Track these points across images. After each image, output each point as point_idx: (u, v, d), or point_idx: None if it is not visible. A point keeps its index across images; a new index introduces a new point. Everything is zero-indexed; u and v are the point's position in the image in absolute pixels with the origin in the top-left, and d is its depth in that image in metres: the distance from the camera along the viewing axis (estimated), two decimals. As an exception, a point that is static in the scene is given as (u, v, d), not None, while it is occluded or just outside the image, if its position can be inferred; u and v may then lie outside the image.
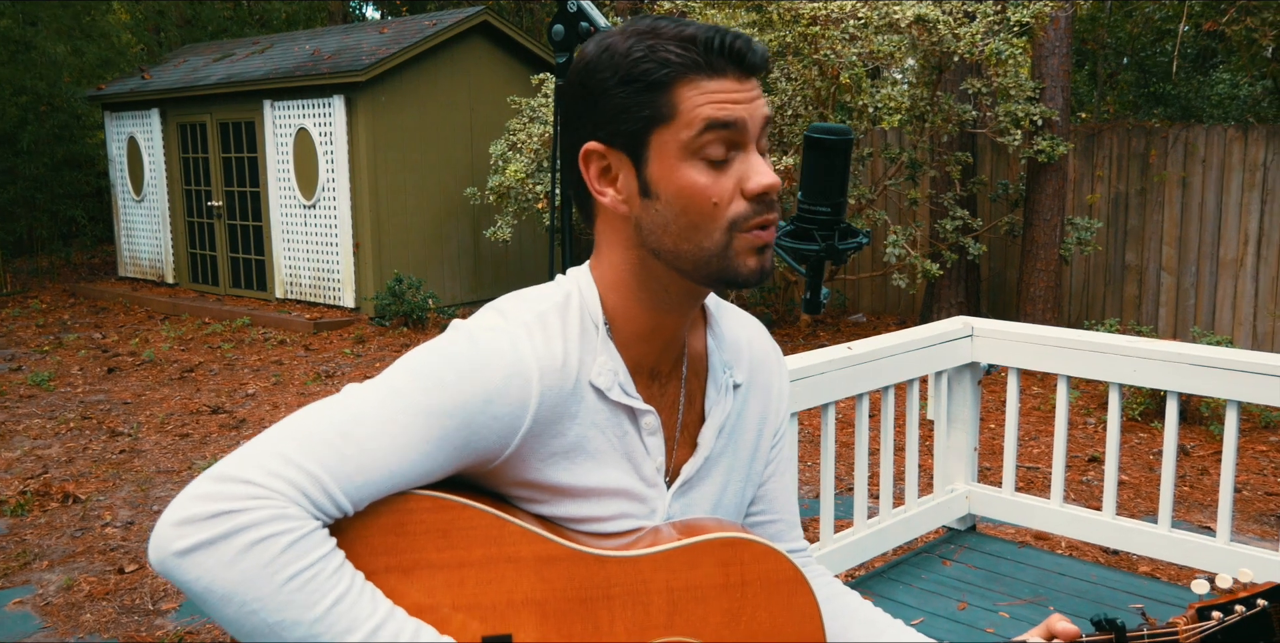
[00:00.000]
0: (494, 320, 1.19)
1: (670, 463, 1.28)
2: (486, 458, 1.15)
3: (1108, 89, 16.16)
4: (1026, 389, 8.03)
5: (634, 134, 1.16)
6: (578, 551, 1.17)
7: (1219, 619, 1.32)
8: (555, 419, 1.17)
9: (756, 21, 8.80)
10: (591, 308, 1.22)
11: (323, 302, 11.54)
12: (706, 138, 1.13)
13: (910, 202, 9.61)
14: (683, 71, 1.13)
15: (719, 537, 1.21)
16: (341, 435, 1.09)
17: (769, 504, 1.45)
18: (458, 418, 1.12)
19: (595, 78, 1.16)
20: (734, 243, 1.15)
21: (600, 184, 1.20)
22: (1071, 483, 5.94)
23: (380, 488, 1.11)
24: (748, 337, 1.39)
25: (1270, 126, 9.13)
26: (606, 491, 1.22)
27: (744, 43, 1.14)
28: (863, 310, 11.35)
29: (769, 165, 1.17)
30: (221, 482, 1.06)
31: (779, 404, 1.41)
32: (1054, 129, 8.95)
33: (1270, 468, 6.23)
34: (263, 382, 8.59)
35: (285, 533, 1.04)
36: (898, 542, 3.80)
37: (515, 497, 1.20)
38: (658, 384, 1.27)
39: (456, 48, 11.52)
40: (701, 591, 1.20)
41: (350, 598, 1.07)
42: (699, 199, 1.14)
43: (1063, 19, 8.96)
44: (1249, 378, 3.37)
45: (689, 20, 1.16)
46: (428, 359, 1.15)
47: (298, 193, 11.51)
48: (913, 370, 3.70)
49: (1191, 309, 9.44)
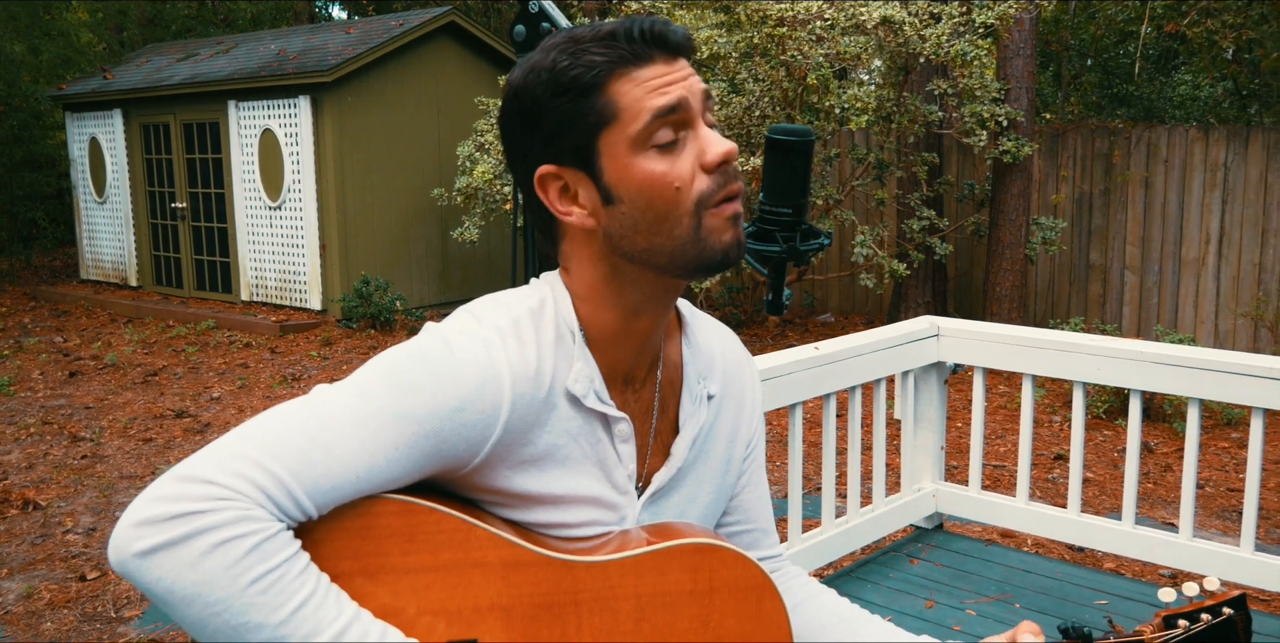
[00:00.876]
0: (468, 325, 1.17)
1: (642, 471, 1.28)
2: (455, 465, 1.14)
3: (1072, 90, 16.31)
4: (993, 388, 8.09)
5: (581, 145, 1.15)
6: (545, 556, 1.16)
7: (1185, 628, 1.33)
8: (527, 427, 1.16)
9: (725, 22, 8.82)
10: (565, 314, 1.21)
11: (289, 304, 11.45)
12: (654, 126, 1.13)
13: (877, 202, 9.65)
14: (611, 67, 1.13)
15: (688, 543, 1.21)
16: (308, 439, 1.08)
17: (744, 514, 1.44)
18: (428, 425, 1.10)
19: (528, 99, 1.16)
20: (705, 222, 1.15)
21: (563, 205, 1.19)
22: (1037, 481, 5.99)
23: (346, 493, 1.09)
24: (722, 348, 1.38)
25: (1231, 127, 9.24)
26: (576, 498, 1.21)
27: (662, 25, 1.14)
28: (831, 310, 11.39)
29: (719, 135, 1.16)
30: (184, 482, 1.04)
31: (752, 416, 1.41)
32: (1019, 130, 9.01)
33: (1232, 465, 6.30)
34: (228, 385, 8.52)
35: (250, 535, 1.02)
36: (865, 541, 3.81)
37: (484, 502, 1.19)
38: (632, 390, 1.26)
39: (423, 48, 11.47)
40: (670, 597, 1.19)
41: (316, 600, 1.05)
42: (660, 187, 1.14)
43: (1027, 21, 9.03)
44: (1211, 376, 3.40)
45: (603, 22, 1.16)
46: (400, 363, 1.13)
47: (263, 194, 11.42)
48: (879, 370, 3.72)
49: (1155, 308, 9.53)
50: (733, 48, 8.60)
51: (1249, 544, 3.44)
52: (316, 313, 11.15)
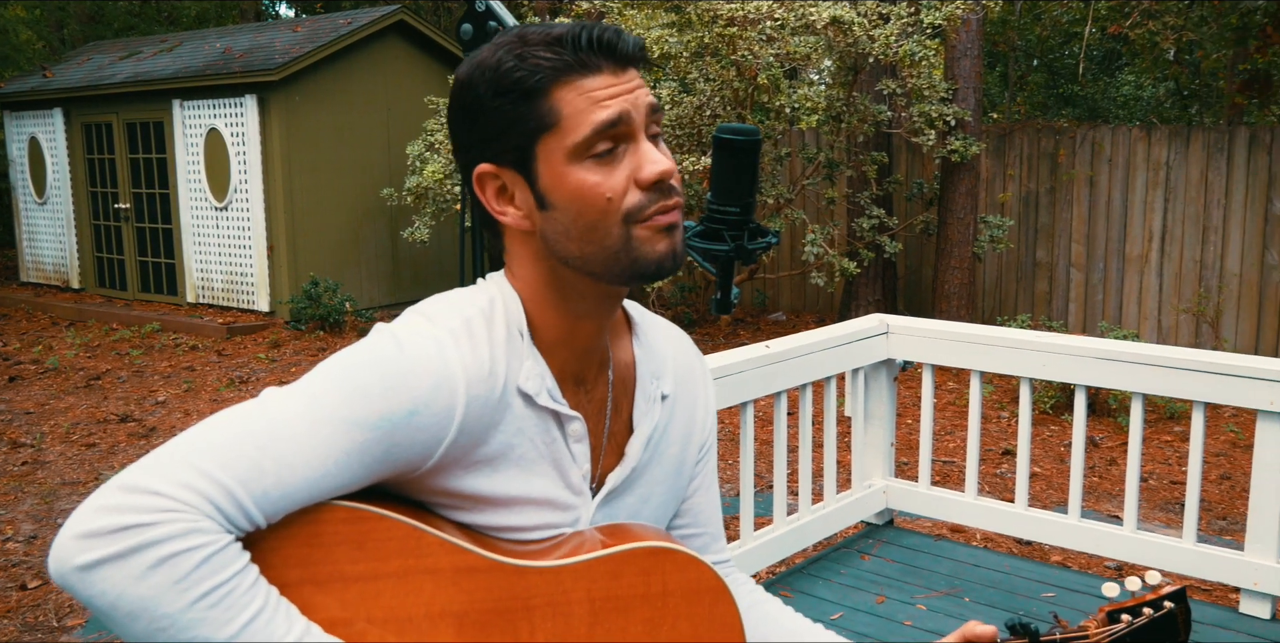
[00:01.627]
0: (420, 325, 1.15)
1: (596, 471, 1.27)
2: (409, 469, 1.12)
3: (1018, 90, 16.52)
4: (942, 385, 8.17)
5: (520, 148, 1.14)
6: (498, 561, 1.15)
7: (1128, 622, 1.36)
8: (481, 428, 1.14)
9: (675, 22, 8.83)
10: (515, 314, 1.20)
11: (236, 306, 11.31)
12: (593, 139, 1.12)
13: (828, 201, 9.71)
14: (556, 74, 1.11)
15: (641, 546, 1.20)
16: (257, 446, 1.05)
17: (694, 517, 1.44)
18: (381, 429, 1.08)
19: (471, 96, 1.15)
20: (634, 234, 1.14)
21: (499, 205, 1.18)
22: (986, 476, 6.06)
23: (296, 500, 1.07)
24: (674, 349, 1.37)
25: (1172, 127, 9.40)
26: (530, 500, 1.20)
27: (613, 34, 1.13)
28: (782, 309, 11.45)
29: (661, 152, 1.15)
30: (129, 493, 1.01)
31: (705, 418, 1.40)
32: (967, 129, 9.11)
33: (1175, 458, 6.41)
34: (174, 388, 8.40)
35: (198, 549, 1.00)
36: (817, 538, 3.84)
37: (436, 504, 1.17)
38: (583, 391, 1.25)
39: (372, 47, 11.38)
40: (623, 601, 1.19)
41: (265, 616, 1.03)
42: (592, 197, 1.13)
43: (974, 21, 9.13)
44: (1153, 371, 3.46)
45: (558, 22, 1.15)
46: (351, 366, 1.11)
47: (209, 194, 11.27)
48: (830, 368, 3.74)
49: (1100, 304, 9.68)
50: (683, 47, 8.62)
51: (1191, 536, 3.50)
52: (264, 315, 11.03)
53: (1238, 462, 6.34)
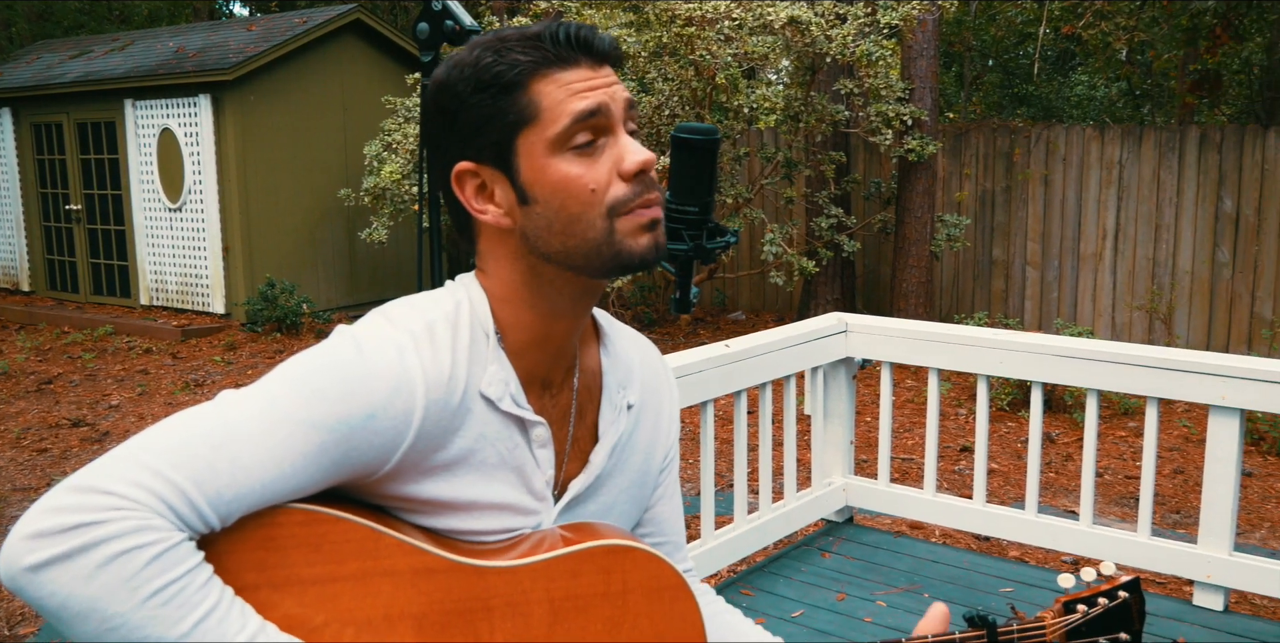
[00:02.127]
0: (382, 328, 1.14)
1: (559, 477, 1.26)
2: (366, 472, 1.11)
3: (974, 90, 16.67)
4: (901, 383, 8.23)
5: (500, 143, 1.14)
6: (456, 562, 1.15)
7: (1083, 612, 1.38)
8: (439, 433, 1.13)
9: (634, 22, 8.83)
10: (482, 317, 1.19)
11: (191, 308, 11.18)
12: (573, 129, 1.12)
13: (786, 200, 9.75)
14: (535, 67, 1.13)
15: (601, 545, 1.20)
16: (212, 447, 1.04)
17: (657, 526, 1.44)
18: (338, 432, 1.07)
19: (450, 93, 1.15)
20: (618, 226, 1.14)
21: (479, 203, 1.18)
22: (945, 472, 6.11)
23: (251, 502, 1.06)
24: (641, 358, 1.37)
25: (1125, 127, 9.52)
26: (490, 505, 1.19)
27: (589, 31, 1.15)
28: (742, 308, 11.49)
29: (640, 145, 1.16)
30: (80, 493, 0.99)
31: (669, 427, 1.40)
32: (923, 129, 9.18)
33: (1129, 453, 6.49)
34: (127, 392, 8.29)
35: (149, 545, 0.98)
36: (778, 536, 3.85)
37: (395, 508, 1.17)
38: (549, 395, 1.25)
39: (328, 46, 11.29)
40: (583, 599, 1.19)
41: (218, 614, 1.01)
42: (575, 189, 1.13)
43: (930, 22, 9.20)
44: (1108, 367, 3.51)
45: (532, 23, 1.16)
46: (310, 368, 1.10)
47: (162, 195, 11.13)
48: (789, 367, 3.76)
49: (1055, 302, 9.79)
50: (642, 47, 8.62)
51: (1145, 530, 3.55)
52: (220, 317, 10.91)
53: (1190, 456, 6.43)
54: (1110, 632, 1.39)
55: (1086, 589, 1.41)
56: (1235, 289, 8.98)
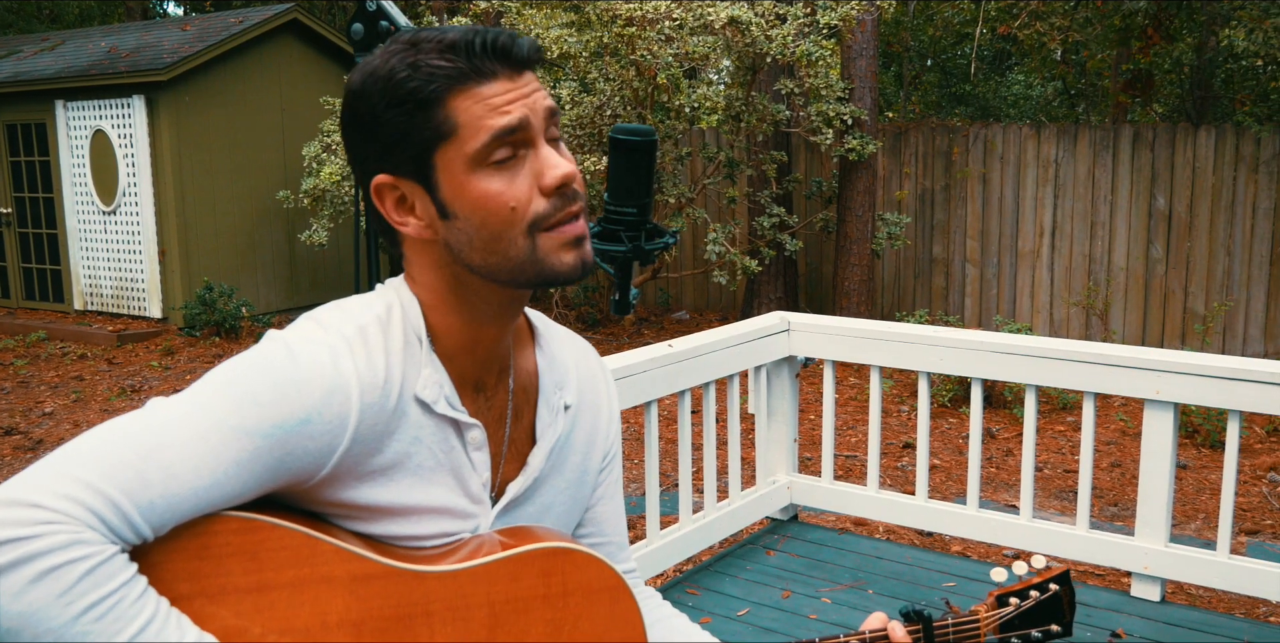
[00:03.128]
0: (314, 333, 1.13)
1: (496, 480, 1.26)
2: (301, 478, 1.10)
3: (913, 90, 16.85)
4: (844, 380, 8.29)
5: (418, 159, 1.12)
6: (395, 567, 1.14)
7: (1016, 605, 1.41)
8: (375, 437, 1.12)
9: (575, 22, 8.82)
10: (414, 321, 1.18)
11: (127, 312, 10.98)
12: (493, 146, 1.10)
13: (729, 200, 9.80)
14: (451, 83, 1.09)
15: (540, 548, 1.20)
16: (143, 456, 1.02)
17: (598, 527, 1.43)
18: (272, 438, 1.06)
19: (365, 106, 1.12)
20: (540, 244, 1.13)
21: (399, 215, 1.16)
22: (889, 469, 6.16)
23: (185, 512, 1.04)
24: (576, 358, 1.37)
25: (1060, 125, 9.68)
26: (428, 509, 1.18)
27: (508, 39, 1.11)
28: (686, 308, 11.51)
29: (562, 155, 1.14)
30: (8, 507, 0.97)
31: (608, 428, 1.40)
32: (863, 128, 9.26)
33: (1068, 447, 6.60)
34: (62, 399, 8.12)
35: (82, 560, 0.97)
36: (723, 535, 3.86)
37: (332, 514, 1.15)
38: (483, 398, 1.24)
39: (266, 46, 11.14)
40: (523, 602, 1.19)
41: (155, 626, 1.00)
42: (495, 206, 1.11)
43: (869, 22, 9.28)
44: (1045, 363, 3.56)
45: (451, 26, 1.13)
46: (241, 373, 1.08)
47: (96, 198, 10.92)
48: (732, 366, 3.77)
49: (994, 299, 9.93)
50: (583, 47, 8.61)
51: (1084, 523, 3.61)
52: (157, 321, 10.73)
53: (1128, 450, 6.55)
54: (1042, 624, 1.43)
55: (1019, 583, 1.44)
56: (1169, 285, 9.17)
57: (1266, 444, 6.71)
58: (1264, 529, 5.30)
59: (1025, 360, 3.60)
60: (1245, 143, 8.78)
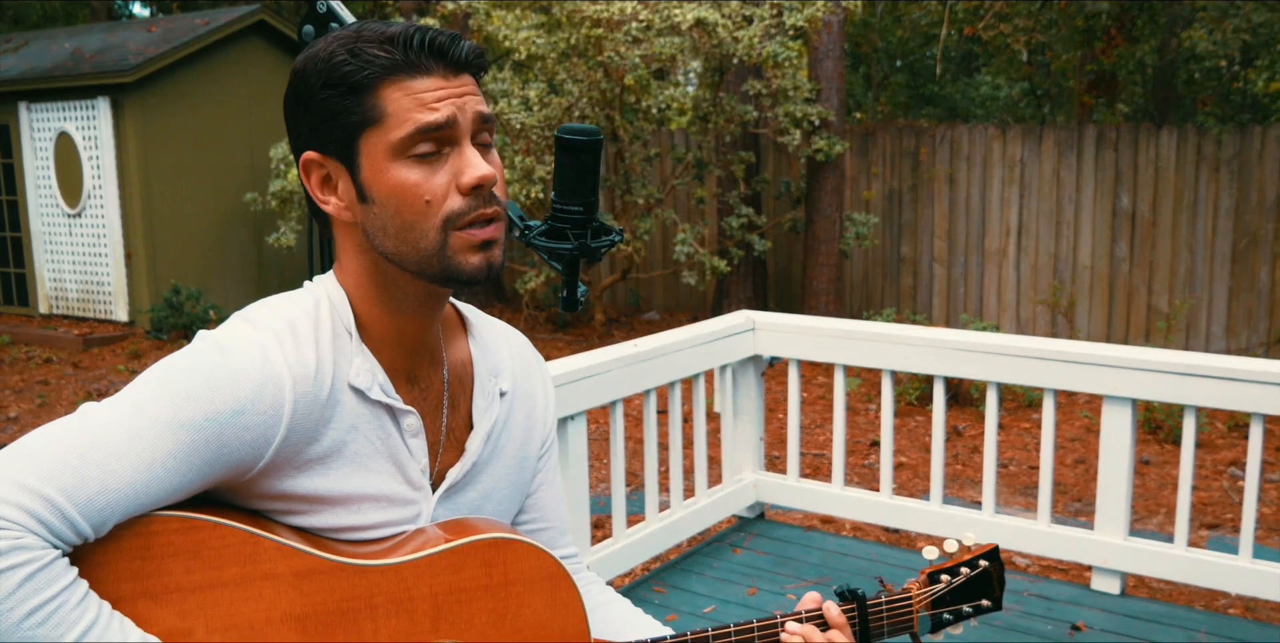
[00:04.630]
0: (242, 329, 1.15)
1: (435, 467, 1.28)
2: (239, 471, 1.12)
3: (881, 91, 16.95)
4: (812, 379, 8.34)
5: (343, 139, 1.15)
6: (337, 562, 1.15)
7: (947, 582, 1.45)
8: (310, 426, 1.15)
9: (544, 23, 8.82)
10: (342, 313, 1.20)
11: (93, 316, 10.90)
12: (416, 138, 1.13)
13: (697, 200, 9.83)
14: (385, 72, 1.13)
15: (482, 539, 1.22)
16: (79, 456, 1.03)
17: (539, 513, 1.46)
18: (207, 431, 1.08)
19: (303, 85, 1.16)
20: (450, 241, 1.15)
21: (323, 193, 1.19)
22: (855, 467, 6.21)
23: (124, 509, 1.05)
24: (510, 347, 1.39)
25: (1026, 126, 9.77)
26: (368, 496, 1.20)
27: (447, 39, 1.14)
28: (655, 308, 11.54)
29: (485, 159, 1.17)
30: None
31: (545, 415, 1.42)
32: (831, 129, 9.31)
33: (1033, 444, 6.66)
34: (26, 403, 8.05)
35: (23, 566, 0.98)
36: (690, 533, 3.88)
37: (272, 510, 1.17)
38: (417, 389, 1.26)
39: (232, 47, 11.08)
40: (466, 593, 1.21)
41: (97, 630, 1.01)
42: (410, 197, 1.14)
43: (835, 23, 9.34)
44: (1007, 360, 3.60)
45: (396, 22, 1.16)
46: (173, 371, 1.10)
47: (60, 201, 10.83)
48: (698, 365, 3.79)
49: (961, 297, 10.00)
50: (551, 48, 8.62)
51: (1045, 518, 3.65)
52: (124, 325, 10.65)
53: (1091, 446, 6.62)
54: (973, 599, 1.47)
55: (949, 560, 1.48)
56: (1133, 283, 9.27)
57: (1228, 439, 6.80)
58: (1224, 523, 5.37)
59: (986, 358, 3.64)
60: (1207, 143, 8.89)
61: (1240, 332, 8.93)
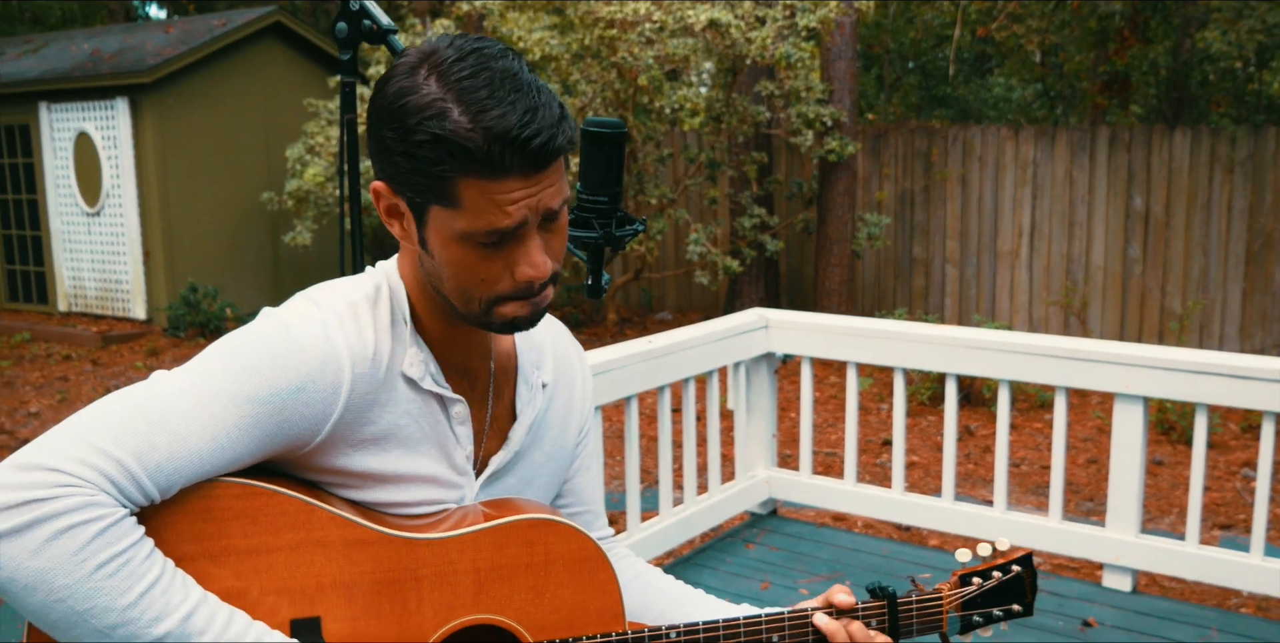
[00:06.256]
0: (306, 309, 1.20)
1: (479, 454, 1.33)
2: (298, 444, 1.17)
3: (894, 92, 16.95)
4: (824, 379, 8.36)
5: (416, 201, 1.15)
6: (386, 534, 1.21)
7: (978, 585, 1.47)
8: (367, 406, 1.20)
9: (557, 25, 8.87)
10: (399, 303, 1.25)
11: (111, 314, 10.98)
12: (484, 236, 1.13)
13: (710, 201, 9.86)
14: (464, 169, 1.10)
15: (524, 518, 1.27)
16: (150, 423, 1.09)
17: (576, 496, 1.51)
18: (270, 405, 1.13)
19: (387, 126, 1.13)
20: (494, 311, 1.19)
21: (389, 218, 1.21)
22: (868, 466, 6.23)
23: (190, 475, 1.11)
24: (552, 338, 1.44)
25: (1039, 127, 9.77)
26: (416, 477, 1.25)
27: (543, 139, 1.10)
28: (668, 308, 11.57)
29: (551, 234, 1.17)
30: (26, 470, 1.04)
31: (583, 403, 1.47)
32: (843, 130, 9.33)
33: (1046, 445, 6.68)
34: (47, 399, 8.13)
35: (95, 521, 1.04)
36: (703, 528, 3.92)
37: (326, 483, 1.23)
38: (466, 380, 1.31)
39: (249, 49, 11.15)
40: (507, 570, 1.25)
41: (162, 585, 1.07)
42: (466, 274, 1.16)
43: (847, 24, 9.36)
44: (1018, 358, 3.63)
45: (505, 91, 1.08)
46: (240, 346, 1.16)
47: (80, 200, 10.92)
48: (712, 362, 3.82)
49: (974, 298, 10.01)
50: (565, 49, 8.66)
51: (1057, 515, 3.68)
52: (142, 322, 10.73)
53: (1104, 446, 6.63)
54: (1004, 603, 1.48)
55: (982, 563, 1.49)
56: (1146, 284, 9.27)
57: (1241, 441, 6.80)
58: (1237, 524, 5.39)
59: (998, 355, 3.67)
60: (1221, 144, 8.89)
61: (1254, 333, 8.92)
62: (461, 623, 1.24)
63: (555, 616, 1.28)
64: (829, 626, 1.37)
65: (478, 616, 1.24)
